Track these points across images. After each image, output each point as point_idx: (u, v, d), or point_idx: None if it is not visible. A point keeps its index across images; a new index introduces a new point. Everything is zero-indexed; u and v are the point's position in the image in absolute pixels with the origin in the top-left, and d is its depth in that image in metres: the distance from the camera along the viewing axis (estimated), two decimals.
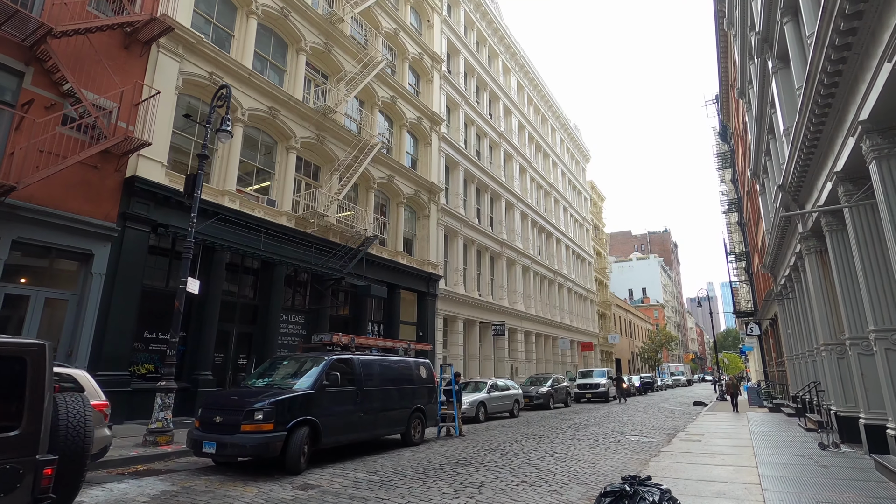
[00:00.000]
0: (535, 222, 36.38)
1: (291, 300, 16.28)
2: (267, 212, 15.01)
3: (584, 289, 45.67)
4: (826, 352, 10.38)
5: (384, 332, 19.98)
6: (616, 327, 56.79)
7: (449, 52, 27.88)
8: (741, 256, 35.95)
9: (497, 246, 29.69)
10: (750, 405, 22.69)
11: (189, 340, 12.76)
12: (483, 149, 30.30)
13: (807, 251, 10.97)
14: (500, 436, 11.51)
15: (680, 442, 10.75)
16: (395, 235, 21.06)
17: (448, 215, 24.81)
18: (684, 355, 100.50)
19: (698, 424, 14.70)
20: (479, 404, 14.48)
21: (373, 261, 18.79)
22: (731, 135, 34.45)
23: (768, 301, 22.82)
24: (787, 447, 9.72)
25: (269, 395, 6.90)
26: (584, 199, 49.94)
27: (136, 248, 11.39)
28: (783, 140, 11.98)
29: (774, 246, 15.69)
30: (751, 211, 26.69)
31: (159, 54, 12.41)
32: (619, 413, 18.99)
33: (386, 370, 9.19)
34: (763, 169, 17.78)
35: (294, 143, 16.23)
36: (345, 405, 7.93)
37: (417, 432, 9.86)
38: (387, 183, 20.64)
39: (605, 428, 13.70)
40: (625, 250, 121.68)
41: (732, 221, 40.56)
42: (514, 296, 31.15)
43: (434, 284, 22.55)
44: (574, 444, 10.37)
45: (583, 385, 26.26)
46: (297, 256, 15.31)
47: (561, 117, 44.84)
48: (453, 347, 24.15)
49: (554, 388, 21.20)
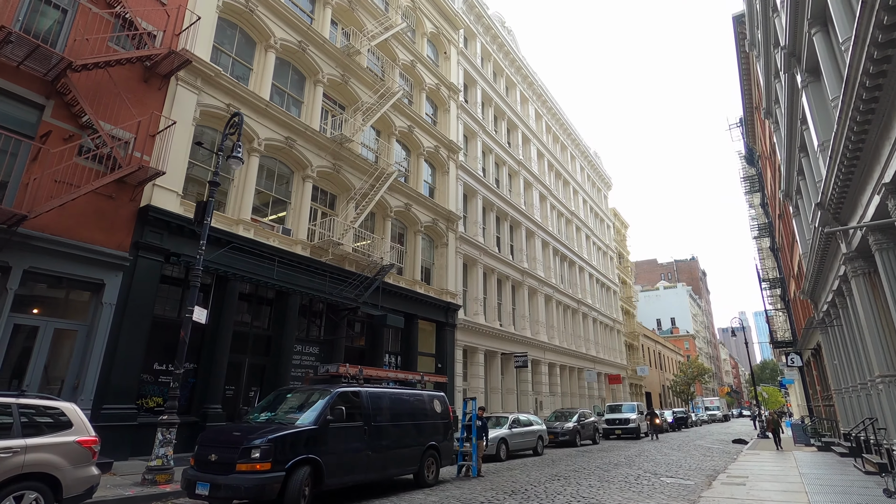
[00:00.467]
0: (557, 250, 35.65)
1: (306, 331, 15.92)
2: (282, 241, 14.87)
3: (610, 318, 44.21)
4: (883, 384, 9.36)
5: (401, 363, 19.38)
6: (645, 359, 54.58)
7: (466, 83, 28.12)
8: (775, 283, 34.29)
9: (518, 274, 29.03)
10: (795, 443, 21.00)
11: (199, 372, 12.44)
12: (502, 176, 30.09)
13: (853, 273, 10.09)
14: (522, 477, 10.66)
15: (722, 486, 9.73)
16: (412, 264, 20.70)
17: (467, 243, 24.42)
18: (719, 388, 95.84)
19: (741, 465, 13.48)
20: (499, 441, 13.63)
21: (389, 290, 18.40)
22: (757, 158, 33.50)
23: (809, 330, 21.40)
24: (845, 493, 8.65)
25: (269, 431, 6.42)
26: (606, 226, 49.03)
27: (148, 277, 11.26)
28: (818, 156, 11.29)
29: (814, 270, 14.69)
30: (784, 235, 25.50)
31: (178, 87, 12.62)
32: (651, 451, 17.73)
33: (397, 404, 8.62)
34: (796, 189, 16.93)
35: (310, 173, 16.23)
36: (351, 442, 7.37)
37: (431, 472, 9.16)
38: (404, 211, 20.45)
39: (637, 468, 12.65)
40: (651, 279, 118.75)
41: (764, 247, 39.00)
42: (537, 326, 30.20)
43: (453, 314, 21.95)
44: (603, 487, 9.48)
45: (611, 420, 24.87)
46: (311, 286, 15.03)
47: (580, 145, 44.60)
48: (474, 380, 23.28)
49: (580, 424, 20.05)
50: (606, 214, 49.79)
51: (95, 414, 9.95)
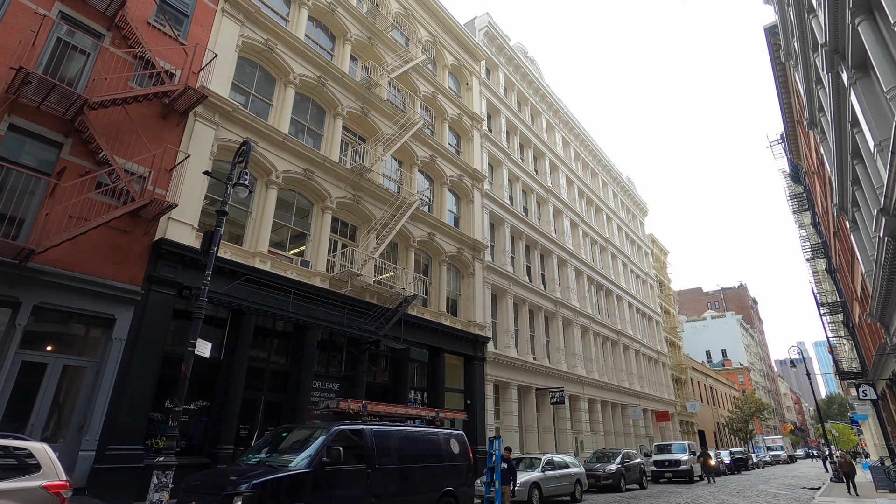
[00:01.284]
0: (592, 279, 34.19)
1: (326, 366, 15.34)
2: (300, 273, 14.56)
3: (654, 350, 41.70)
4: None
5: (428, 400, 18.41)
6: (695, 394, 50.97)
7: (489, 112, 28.01)
8: (836, 308, 31.49)
9: (550, 305, 27.78)
10: (878, 489, 18.43)
11: (212, 410, 11.97)
12: (530, 204, 29.39)
13: None
14: None
15: None
16: (437, 295, 20.01)
17: (495, 273, 23.59)
18: (781, 426, 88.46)
19: None
20: (531, 486, 12.36)
21: (413, 322, 17.71)
22: (804, 174, 31.55)
23: (882, 357, 19.13)
24: None
25: (256, 475, 5.74)
26: (644, 253, 47.09)
27: (160, 311, 11.04)
28: (875, 158, 10.11)
29: (882, 288, 13.06)
30: (842, 253, 23.42)
31: (196, 122, 12.79)
32: (707, 498, 15.84)
33: (407, 444, 7.78)
34: (851, 201, 15.43)
35: (329, 204, 16.06)
36: (350, 488, 6.57)
37: None
38: (427, 241, 19.97)
39: None
40: (697, 309, 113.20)
41: (819, 269, 36.20)
42: (574, 359, 28.60)
43: (481, 347, 20.94)
44: None
45: (660, 462, 22.77)
46: (330, 318, 14.54)
47: (612, 171, 43.55)
48: (507, 417, 21.93)
49: (625, 466, 18.30)
50: (644, 241, 47.92)
51: (100, 455, 9.56)
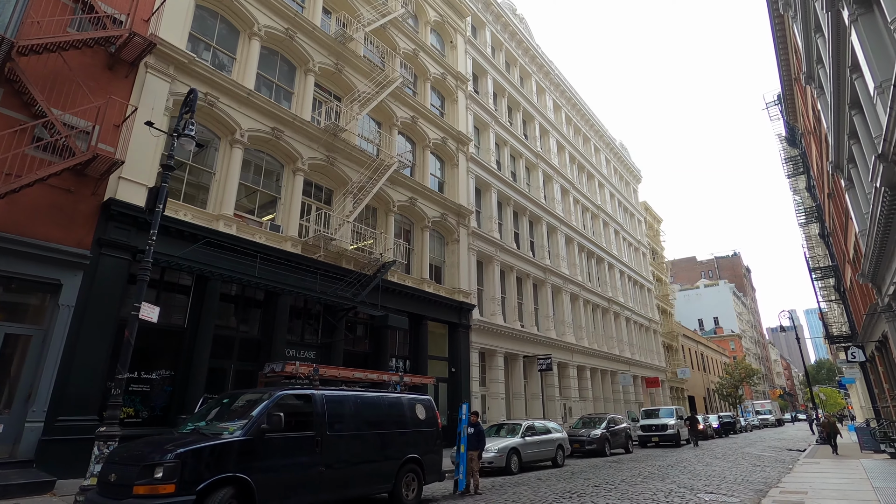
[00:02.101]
0: (583, 246, 33.65)
1: (300, 334, 14.83)
2: (270, 238, 13.87)
3: (646, 318, 41.60)
4: None
5: (410, 367, 18.04)
6: (686, 360, 51.30)
7: (476, 73, 26.83)
8: (828, 273, 31.19)
9: (539, 272, 27.29)
10: (863, 450, 18.39)
11: (176, 380, 11.46)
12: (518, 170, 28.52)
13: None
14: (527, 494, 9.09)
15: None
16: (419, 262, 19.41)
17: (481, 240, 22.95)
18: (770, 391, 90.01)
19: (797, 477, 11.44)
20: (510, 451, 12.04)
21: (394, 289, 17.15)
22: (800, 136, 30.71)
23: (872, 318, 18.81)
24: None
25: (183, 444, 5.20)
26: (637, 221, 46.49)
27: (113, 277, 10.37)
28: (875, 101, 9.39)
29: (876, 245, 12.52)
30: (836, 215, 22.88)
31: (147, 75, 11.83)
32: (691, 461, 15.69)
33: (365, 410, 7.27)
34: (848, 157, 14.76)
35: (301, 165, 15.23)
36: (296, 457, 6.07)
37: (412, 490, 7.73)
38: (408, 206, 19.23)
39: (671, 482, 10.83)
40: (690, 277, 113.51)
41: (812, 234, 35.77)
42: (563, 326, 28.31)
43: (466, 315, 20.49)
44: None
45: (647, 427, 22.71)
46: (303, 285, 13.93)
47: (605, 136, 42.48)
48: (493, 385, 21.68)
49: (609, 431, 18.13)
50: (637, 209, 47.26)
51: (49, 426, 9.05)
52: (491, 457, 11.66)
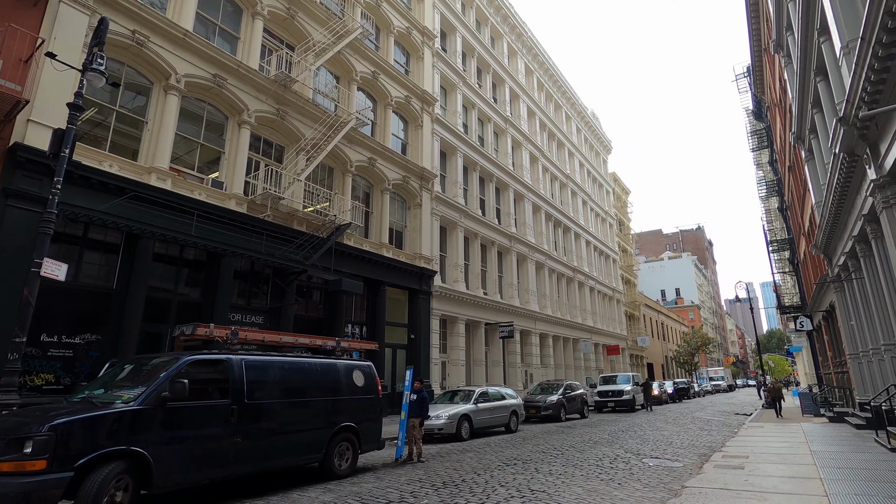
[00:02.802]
0: (550, 215, 33.46)
1: (247, 298, 14.08)
2: (212, 195, 12.89)
3: (609, 288, 42.24)
4: None
5: (367, 334, 17.59)
6: (647, 329, 52.82)
7: (444, 30, 25.57)
8: (784, 245, 32.07)
9: (505, 240, 26.98)
10: (804, 414, 19.19)
11: (104, 345, 10.63)
12: (486, 135, 27.74)
13: (884, 204, 7.98)
14: (471, 461, 8.85)
15: (715, 469, 7.87)
16: (379, 226, 18.70)
17: (444, 205, 22.33)
18: (724, 359, 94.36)
19: (741, 440, 11.65)
20: (461, 418, 11.84)
21: (350, 253, 16.48)
22: (766, 109, 30.88)
23: (822, 289, 19.33)
24: (873, 480, 6.74)
25: (63, 414, 4.56)
26: (605, 192, 46.60)
27: (21, 231, 9.34)
28: (841, 63, 9.06)
29: (830, 216, 12.54)
30: (794, 188, 23.20)
31: (61, 5, 10.46)
32: (643, 425, 15.96)
33: (293, 376, 6.74)
34: (810, 127, 14.66)
35: (247, 118, 14.13)
36: (206, 427, 5.53)
37: (345, 460, 7.34)
38: (368, 167, 18.35)
39: (619, 447, 10.84)
40: (656, 250, 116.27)
41: (772, 208, 36.61)
42: (527, 294, 28.31)
43: (427, 281, 20.05)
44: (566, 475, 7.65)
45: (604, 392, 23.14)
46: (248, 246, 13.10)
47: (577, 104, 41.87)
48: (453, 352, 21.53)
49: (566, 397, 18.27)
50: (605, 179, 47.31)
51: None
52: (441, 423, 11.43)
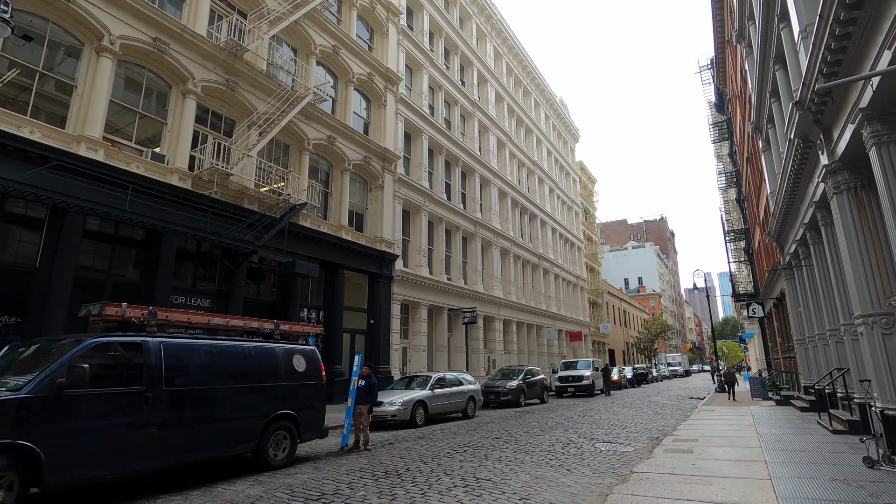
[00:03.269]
0: (517, 202, 33.37)
1: (192, 280, 13.29)
2: (151, 168, 12.00)
3: (574, 275, 42.75)
4: (865, 326, 7.44)
5: (324, 318, 17.03)
6: (609, 316, 53.97)
7: (410, 7, 24.76)
8: (740, 235, 33.09)
9: (470, 225, 26.69)
10: (753, 397, 19.86)
11: (25, 327, 9.76)
12: (453, 118, 27.22)
13: (835, 190, 8.01)
14: (420, 449, 8.56)
15: (664, 454, 7.82)
16: (338, 207, 18.04)
17: (408, 188, 21.80)
18: (682, 345, 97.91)
19: (692, 424, 11.81)
20: (415, 404, 11.54)
21: (307, 235, 15.82)
22: (727, 102, 31.52)
23: (774, 276, 19.91)
24: (815, 462, 6.80)
25: None
26: (572, 180, 46.93)
27: None
28: (799, 47, 9.04)
29: (783, 203, 12.74)
30: (752, 179, 23.77)
31: None
32: (600, 410, 16.10)
33: (221, 361, 6.23)
34: (767, 116, 14.85)
35: (192, 87, 13.18)
36: (114, 417, 4.99)
37: (282, 450, 6.90)
38: (326, 145, 17.60)
39: (574, 432, 10.78)
40: (620, 239, 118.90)
41: (730, 199, 37.65)
42: (491, 281, 28.19)
43: (389, 265, 19.57)
44: (516, 461, 7.44)
45: (564, 378, 23.35)
46: (192, 224, 12.28)
47: (546, 91, 41.74)
48: (415, 337, 21.21)
49: (526, 382, 18.27)
50: (572, 168, 47.61)
51: None
52: (395, 410, 11.10)
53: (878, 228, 7.53)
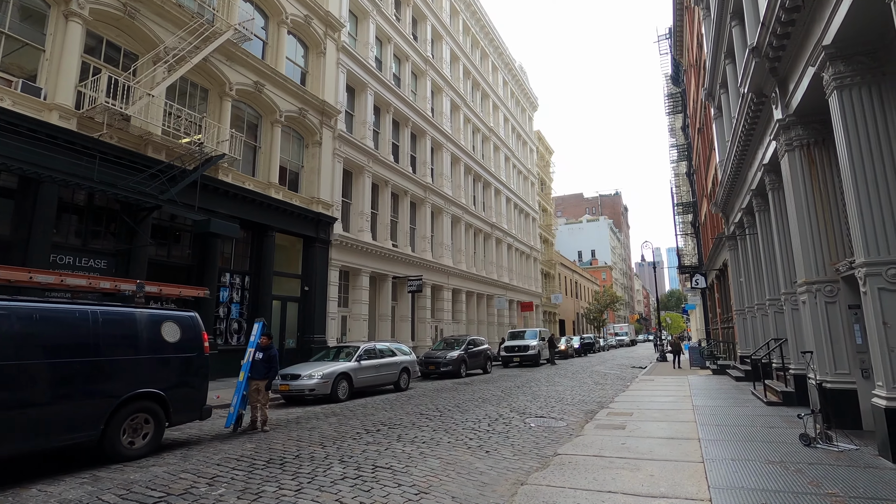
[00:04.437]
0: (470, 168, 32.26)
1: (83, 237, 11.54)
2: (23, 103, 10.06)
3: (527, 246, 42.51)
4: (809, 294, 6.95)
5: (251, 284, 15.61)
6: (561, 287, 54.59)
7: None
8: (688, 208, 33.51)
9: (419, 190, 25.45)
10: (691, 366, 20.15)
11: None
12: (404, 74, 25.50)
13: (787, 146, 7.37)
14: (329, 429, 7.58)
15: (596, 430, 7.20)
16: (267, 163, 16.37)
17: (350, 146, 20.23)
18: (629, 316, 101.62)
19: (630, 395, 11.45)
20: (338, 377, 10.53)
21: (229, 191, 14.22)
22: (683, 73, 31.24)
23: (717, 248, 19.96)
24: (750, 439, 6.30)
25: None
26: (529, 149, 46.17)
27: None
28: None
29: (732, 170, 12.29)
30: (702, 151, 23.64)
31: None
32: (541, 380, 15.69)
33: (43, 330, 4.91)
34: (721, 80, 14.27)
35: (77, 9, 11.10)
36: None
37: (142, 436, 5.72)
38: (253, 93, 15.77)
39: (507, 405, 10.12)
40: (576, 213, 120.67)
41: (681, 173, 38.04)
42: (441, 249, 27.26)
43: (326, 228, 18.18)
44: (431, 442, 6.60)
45: (510, 348, 23.01)
46: (77, 172, 10.49)
47: (504, 55, 40.25)
48: (356, 306, 20.09)
49: (468, 353, 17.65)
50: (530, 137, 46.78)
51: None
52: (313, 383, 10.06)
53: (829, 189, 6.96)
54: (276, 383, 10.34)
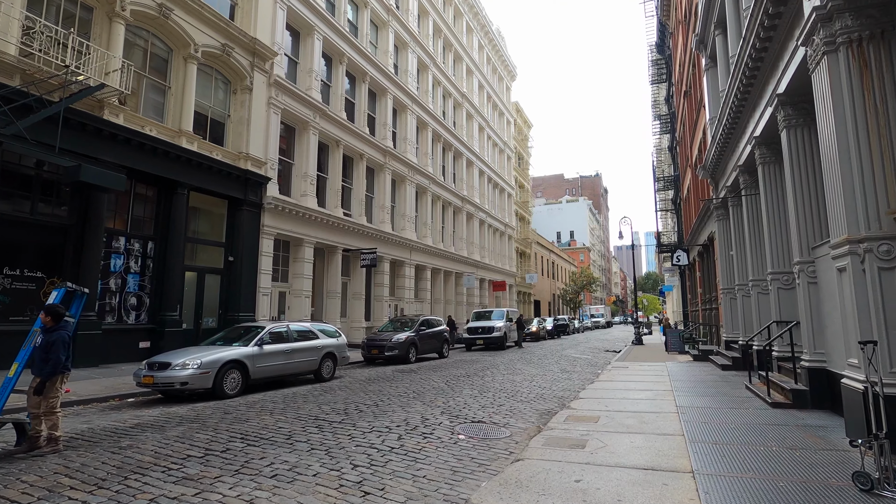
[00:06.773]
0: (439, 135, 29.65)
1: None
2: None
3: (502, 223, 40.32)
4: (853, 256, 4.80)
5: (156, 251, 13.01)
6: (537, 267, 52.80)
7: None
8: (669, 184, 31.66)
9: (378, 155, 22.85)
10: (669, 351, 18.32)
11: None
12: (361, 22, 22.61)
13: (827, 46, 5.12)
14: (146, 447, 5.22)
15: (545, 449, 5.01)
16: (178, 107, 13.60)
17: (292, 96, 17.48)
18: (606, 298, 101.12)
19: (600, 387, 9.38)
20: (224, 366, 8.15)
21: (118, 136, 11.51)
22: (669, 37, 28.98)
23: (703, 219, 18.00)
24: (771, 474, 4.18)
25: None
26: (506, 121, 43.61)
27: None
28: None
29: (729, 119, 10.09)
30: (688, 115, 21.53)
31: None
32: (500, 367, 13.60)
33: None
34: (717, 20, 11.98)
35: None
36: None
37: None
38: (157, 17, 12.91)
39: (442, 403, 7.93)
40: (556, 194, 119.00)
41: (663, 147, 36.13)
42: (403, 221, 24.82)
43: (256, 189, 15.57)
44: (291, 473, 4.36)
45: (473, 329, 20.92)
46: None
47: (480, 16, 37.31)
48: (297, 280, 17.63)
49: (420, 335, 15.43)
50: (507, 108, 44.17)
51: None
52: (186, 375, 7.67)
53: (890, 105, 4.76)
54: (141, 375, 7.90)
